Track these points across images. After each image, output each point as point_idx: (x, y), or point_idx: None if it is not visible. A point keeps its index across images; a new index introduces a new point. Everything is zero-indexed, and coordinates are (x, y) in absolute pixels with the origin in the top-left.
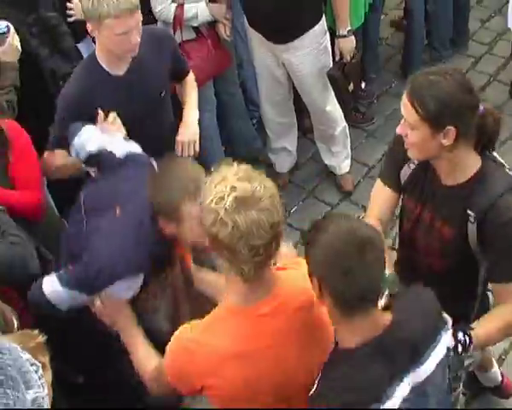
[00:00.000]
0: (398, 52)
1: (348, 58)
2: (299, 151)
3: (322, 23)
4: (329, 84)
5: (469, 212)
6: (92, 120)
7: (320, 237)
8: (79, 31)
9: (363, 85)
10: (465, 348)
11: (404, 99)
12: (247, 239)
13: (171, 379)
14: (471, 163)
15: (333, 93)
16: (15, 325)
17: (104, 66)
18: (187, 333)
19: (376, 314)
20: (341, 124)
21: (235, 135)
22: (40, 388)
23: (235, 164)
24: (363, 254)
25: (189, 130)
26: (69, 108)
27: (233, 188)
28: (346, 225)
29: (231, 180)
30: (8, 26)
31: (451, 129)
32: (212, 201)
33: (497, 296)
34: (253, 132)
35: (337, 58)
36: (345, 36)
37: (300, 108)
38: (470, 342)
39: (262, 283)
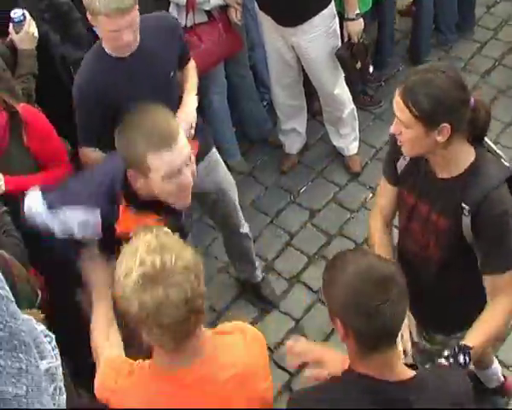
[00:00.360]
0: (405, 36)
1: (356, 40)
2: (308, 133)
3: (331, 7)
4: (338, 68)
5: (463, 205)
6: (104, 102)
7: (339, 276)
8: None
9: (371, 69)
10: (465, 367)
11: (397, 98)
12: (154, 318)
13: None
14: (465, 156)
15: (341, 76)
16: (38, 299)
17: (108, 51)
18: (110, 381)
19: (396, 360)
20: (350, 106)
21: (246, 116)
22: (53, 358)
23: (154, 230)
24: (386, 292)
25: (187, 115)
26: (83, 96)
27: (142, 263)
28: (364, 263)
29: (141, 253)
30: (24, 14)
31: (446, 126)
32: (120, 276)
33: (489, 291)
34: (264, 114)
35: (345, 40)
36: (353, 19)
37: (310, 91)
38: (469, 360)
39: (186, 352)
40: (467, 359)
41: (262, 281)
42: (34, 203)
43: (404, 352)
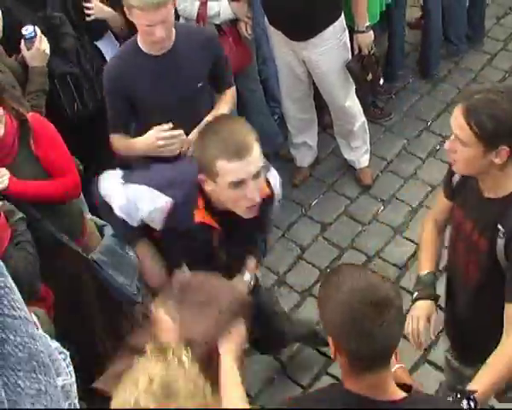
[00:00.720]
0: (415, 49)
1: (366, 52)
2: (319, 146)
3: (342, 20)
4: (349, 80)
5: (499, 226)
6: (130, 93)
7: (334, 294)
8: (98, 29)
9: (381, 81)
10: None
11: (458, 116)
12: None
13: None
14: (504, 188)
15: (352, 89)
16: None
17: (141, 46)
18: None
19: (390, 381)
20: (360, 119)
21: (257, 130)
22: (68, 375)
23: (169, 354)
24: (382, 314)
25: None
26: (110, 81)
27: (136, 403)
28: (361, 282)
29: (140, 390)
30: (35, 30)
31: (505, 149)
32: (116, 405)
33: (507, 322)
34: (275, 128)
35: (356, 52)
36: (363, 31)
37: (321, 105)
38: (476, 404)
39: None
40: (471, 404)
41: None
42: (110, 174)
43: (420, 344)
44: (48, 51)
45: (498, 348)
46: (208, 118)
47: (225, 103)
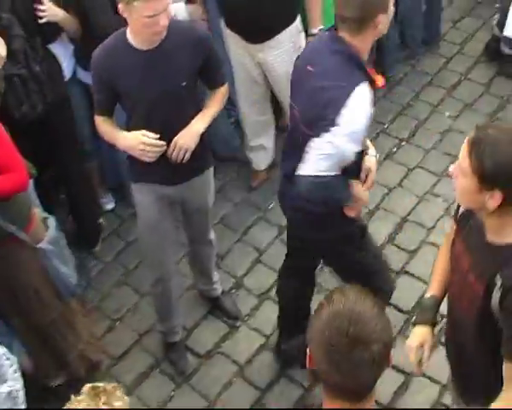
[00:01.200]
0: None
1: None
2: (276, 149)
3: (297, 23)
4: None
5: (498, 277)
6: (114, 85)
7: (324, 311)
8: (51, 32)
9: None
10: None
11: (465, 144)
12: None
13: None
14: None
15: None
16: None
17: (130, 41)
18: None
19: None
20: None
21: (213, 134)
22: (15, 381)
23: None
24: (352, 352)
25: (190, 137)
26: (96, 70)
27: None
28: (348, 311)
29: None
30: None
31: (498, 194)
32: None
33: (506, 377)
34: (231, 131)
35: None
36: (316, 34)
37: (278, 106)
38: None
39: None
40: None
41: (223, 295)
42: None
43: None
44: (4, 54)
45: (497, 401)
46: (199, 115)
47: (216, 103)
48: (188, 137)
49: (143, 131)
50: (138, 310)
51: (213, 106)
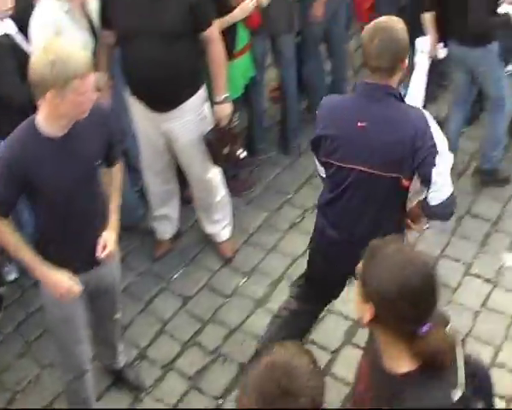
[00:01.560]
0: (277, 122)
1: (224, 124)
2: (181, 219)
3: (202, 92)
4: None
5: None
6: (27, 179)
7: (264, 359)
8: None
9: (243, 155)
10: None
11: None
12: None
13: None
14: (398, 362)
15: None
16: None
17: (42, 129)
18: None
19: None
20: (222, 192)
21: None
22: None
23: None
24: (280, 402)
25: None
26: (4, 163)
27: None
28: (285, 361)
29: None
30: None
31: (371, 307)
32: None
33: None
34: (136, 200)
35: (214, 124)
36: (221, 102)
37: (183, 177)
38: None
39: None
40: None
41: (126, 366)
42: None
43: None
44: None
45: None
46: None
47: (117, 181)
48: (114, 237)
49: (71, 276)
50: (40, 382)
51: (118, 181)
